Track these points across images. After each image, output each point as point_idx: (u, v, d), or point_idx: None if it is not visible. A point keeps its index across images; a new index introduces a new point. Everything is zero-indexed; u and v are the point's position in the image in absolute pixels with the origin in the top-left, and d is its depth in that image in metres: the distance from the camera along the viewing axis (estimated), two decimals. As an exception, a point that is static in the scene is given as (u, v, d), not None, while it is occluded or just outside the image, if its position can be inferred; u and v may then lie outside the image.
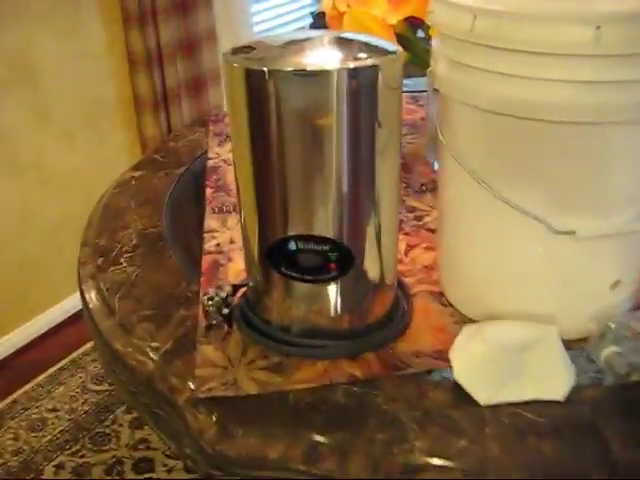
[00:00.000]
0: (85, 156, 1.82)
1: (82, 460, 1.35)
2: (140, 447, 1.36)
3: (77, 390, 1.55)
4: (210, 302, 0.63)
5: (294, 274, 0.58)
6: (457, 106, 0.56)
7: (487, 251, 0.60)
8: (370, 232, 0.57)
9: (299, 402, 0.56)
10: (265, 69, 0.51)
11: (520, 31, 0.49)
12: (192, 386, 0.57)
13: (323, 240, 0.56)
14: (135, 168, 1.01)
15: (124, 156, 1.88)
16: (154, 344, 0.63)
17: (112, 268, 0.76)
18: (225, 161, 1.01)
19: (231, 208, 0.87)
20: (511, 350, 0.54)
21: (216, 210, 0.87)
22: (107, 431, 1.43)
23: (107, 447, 1.38)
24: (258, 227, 0.58)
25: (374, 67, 0.51)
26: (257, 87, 0.52)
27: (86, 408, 1.49)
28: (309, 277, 0.58)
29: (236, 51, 0.54)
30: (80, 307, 0.75)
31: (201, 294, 0.68)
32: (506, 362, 0.54)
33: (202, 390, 0.57)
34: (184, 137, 1.13)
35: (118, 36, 1.81)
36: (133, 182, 0.97)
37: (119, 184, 0.97)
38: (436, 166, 0.94)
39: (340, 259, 0.57)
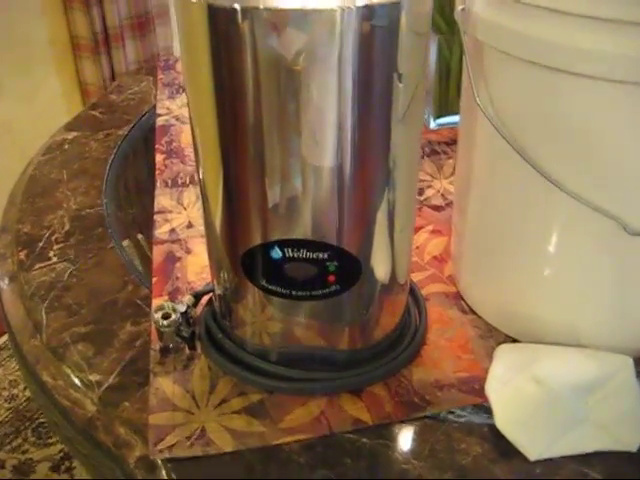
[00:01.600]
0: (15, 107, 1.60)
1: (25, 456, 1.19)
2: (91, 438, 1.21)
3: (18, 373, 1.38)
4: (165, 322, 0.47)
5: (279, 289, 0.43)
6: (503, 60, 0.41)
7: (535, 250, 0.46)
8: (382, 232, 0.42)
9: (290, 462, 0.42)
10: (237, 6, 0.34)
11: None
12: (148, 441, 0.43)
13: (320, 246, 0.41)
14: (68, 128, 0.84)
15: (61, 106, 1.67)
16: (93, 376, 0.48)
17: (38, 265, 0.59)
18: (178, 118, 0.84)
19: (187, 180, 0.71)
20: (573, 392, 0.40)
21: (169, 183, 0.71)
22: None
23: (54, 440, 1.22)
24: (227, 225, 0.43)
25: (396, 5, 0.35)
26: (225, 32, 0.36)
27: (28, 394, 1.33)
28: (300, 293, 0.43)
29: (193, -20, 0.38)
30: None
31: (153, 306, 0.53)
32: (566, 407, 0.41)
33: (159, 449, 0.42)
34: (128, 88, 0.95)
35: (49, -34, 1.57)
36: (66, 146, 0.79)
37: (48, 149, 0.79)
38: (433, 124, 0.79)
39: (342, 269, 0.42)
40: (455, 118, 0.79)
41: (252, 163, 0.39)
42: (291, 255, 0.41)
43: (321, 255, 0.41)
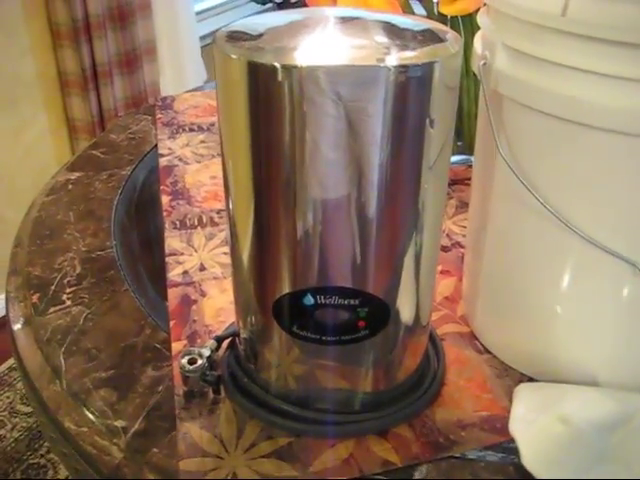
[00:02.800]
0: (2, 143, 1.60)
1: (14, 499, 1.17)
2: None
3: (4, 413, 1.35)
4: (191, 367, 0.48)
5: (309, 335, 0.44)
6: (523, 111, 0.43)
7: (550, 291, 0.47)
8: (409, 276, 0.44)
9: (324, 506, 0.42)
10: (277, 64, 0.36)
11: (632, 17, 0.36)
12: (177, 488, 0.43)
13: (351, 292, 0.42)
14: (71, 169, 0.84)
15: (49, 142, 1.67)
16: (119, 422, 0.48)
17: (52, 309, 0.59)
18: (180, 159, 0.85)
19: (196, 221, 0.72)
20: (598, 431, 0.42)
21: (177, 225, 0.71)
22: (42, 462, 1.25)
23: (43, 481, 1.20)
24: (259, 271, 0.44)
25: (431, 64, 0.37)
26: (264, 88, 0.37)
27: (16, 435, 1.30)
28: (330, 338, 0.44)
29: (232, 36, 0.39)
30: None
31: (173, 349, 0.53)
32: (591, 445, 0.42)
33: (193, 496, 0.42)
34: (127, 127, 0.95)
35: (39, 4, 1.58)
36: (70, 187, 0.80)
37: (52, 190, 0.79)
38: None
39: (371, 315, 0.43)
40: (454, 158, 0.81)
41: (285, 210, 0.40)
42: (323, 302, 0.42)
43: (352, 301, 0.42)
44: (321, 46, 0.38)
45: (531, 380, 0.51)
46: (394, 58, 0.36)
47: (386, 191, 0.39)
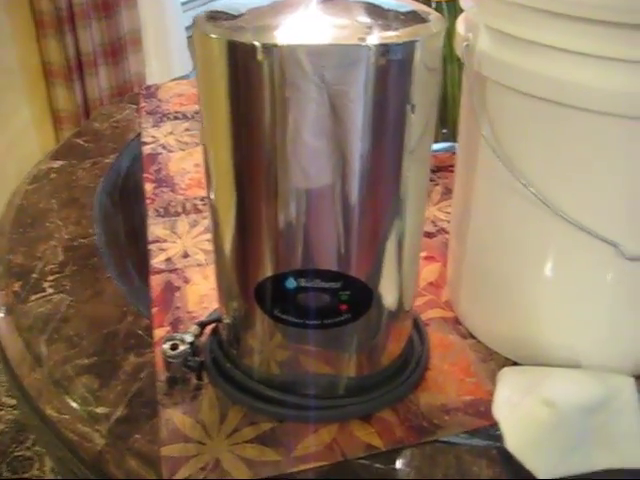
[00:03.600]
0: (-14, 134, 1.58)
1: (0, 491, 1.17)
2: (69, 471, 1.18)
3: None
4: (174, 352, 0.48)
5: (291, 319, 0.43)
6: (506, 93, 0.43)
7: (534, 275, 0.47)
8: (391, 260, 0.43)
9: (306, 490, 0.42)
10: (257, 43, 0.35)
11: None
12: (162, 473, 0.43)
13: (333, 275, 0.42)
14: (54, 157, 0.83)
15: (33, 133, 1.65)
16: (101, 409, 0.47)
17: (34, 297, 0.59)
18: (164, 147, 0.85)
19: (180, 209, 0.71)
20: (581, 413, 0.42)
21: (161, 212, 0.71)
22: (28, 454, 1.24)
23: (29, 474, 1.19)
24: (240, 255, 0.43)
25: (412, 43, 0.36)
26: (244, 67, 0.36)
27: (1, 427, 1.29)
28: (312, 322, 0.43)
29: (212, 16, 0.39)
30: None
31: (156, 336, 0.53)
32: (574, 427, 0.42)
33: (174, 481, 0.42)
34: (110, 116, 0.95)
35: (20, -7, 1.56)
36: (53, 175, 0.79)
37: (35, 178, 0.78)
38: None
39: (354, 298, 0.43)
40: (439, 146, 0.81)
41: (267, 194, 0.40)
42: (305, 285, 0.42)
43: (334, 284, 0.42)
44: (302, 25, 0.37)
45: (515, 364, 0.51)
46: (375, 37, 0.36)
47: (368, 173, 0.39)
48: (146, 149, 0.84)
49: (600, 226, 0.43)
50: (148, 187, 0.75)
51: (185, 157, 0.82)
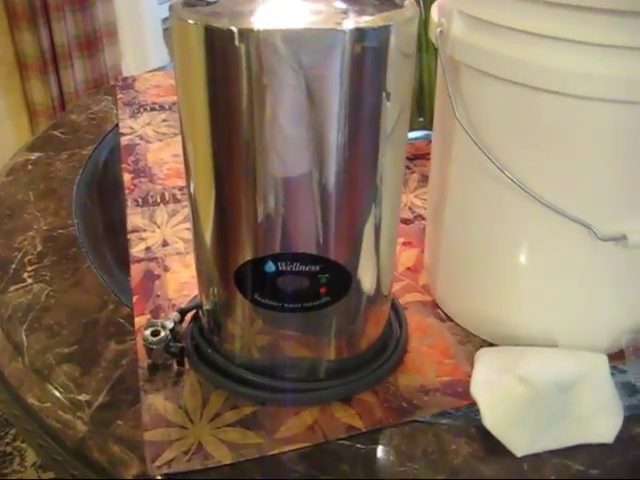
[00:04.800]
0: (-40, 127, 1.56)
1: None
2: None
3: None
4: (155, 338, 0.48)
5: (271, 302, 0.44)
6: (479, 78, 0.43)
7: (509, 258, 0.48)
8: (369, 244, 0.44)
9: (288, 471, 0.43)
10: (234, 28, 0.36)
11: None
12: (146, 458, 0.43)
13: (312, 259, 0.42)
14: (30, 149, 0.83)
15: (8, 127, 1.63)
16: (82, 396, 0.48)
17: (13, 287, 0.59)
18: (142, 137, 0.84)
19: (158, 198, 0.71)
20: (556, 389, 0.43)
21: (139, 202, 0.71)
22: (8, 450, 1.23)
23: (9, 470, 1.18)
24: (219, 240, 0.44)
25: (386, 28, 0.37)
26: (221, 53, 0.37)
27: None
28: (291, 306, 0.44)
29: (189, 2, 0.39)
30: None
31: (137, 324, 0.53)
32: (549, 404, 0.43)
33: (157, 465, 0.42)
34: (87, 108, 0.94)
35: (-8, -15, 1.54)
36: (29, 167, 0.78)
37: (11, 170, 0.78)
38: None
39: (333, 281, 0.43)
40: (416, 134, 0.82)
41: (245, 179, 0.40)
42: (284, 268, 0.42)
43: (313, 268, 0.43)
44: (278, 11, 0.38)
45: (492, 345, 0.52)
46: (350, 22, 0.36)
47: (345, 158, 0.40)
48: (124, 140, 0.84)
49: (573, 208, 0.44)
50: (126, 177, 0.75)
51: (163, 148, 0.82)
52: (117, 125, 0.88)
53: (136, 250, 0.63)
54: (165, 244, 0.64)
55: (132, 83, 1.01)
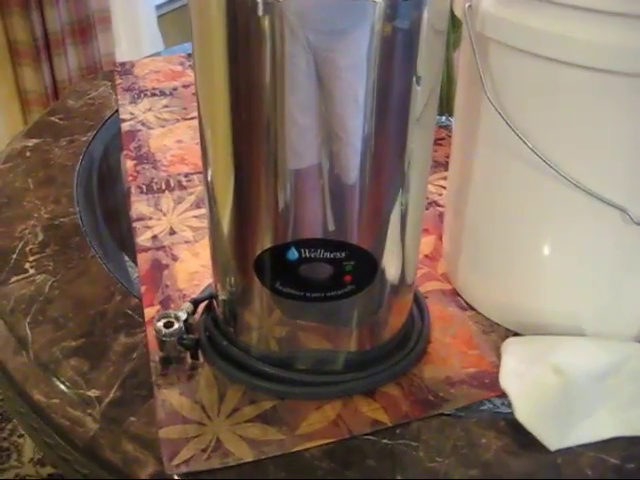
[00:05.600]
0: (-49, 116, 1.53)
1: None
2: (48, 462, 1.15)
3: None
4: (168, 330, 0.46)
5: (293, 291, 0.42)
6: (511, 54, 0.41)
7: (535, 243, 0.46)
8: (395, 231, 0.42)
9: (313, 469, 0.40)
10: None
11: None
12: (162, 456, 0.41)
13: (338, 245, 0.40)
14: (27, 135, 0.80)
15: (0, 116, 1.60)
16: (92, 392, 0.45)
17: (15, 278, 0.56)
18: (143, 123, 0.82)
19: (163, 185, 0.69)
20: (590, 380, 0.41)
21: (144, 189, 0.68)
22: (5, 445, 1.20)
23: (7, 465, 1.16)
24: (238, 227, 0.42)
25: (419, 0, 0.35)
26: (244, 26, 0.34)
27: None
28: (314, 295, 0.42)
29: (207, -28, 0.36)
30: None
31: (146, 315, 0.51)
32: (583, 395, 0.41)
33: (175, 464, 0.40)
34: (85, 93, 0.91)
35: (-18, -30, 1.50)
36: (28, 154, 0.76)
37: (9, 157, 0.75)
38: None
39: (358, 269, 0.41)
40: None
41: (267, 162, 0.38)
42: (308, 256, 0.40)
43: (339, 254, 0.40)
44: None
45: (517, 335, 0.50)
46: (382, -8, 0.34)
47: (370, 142, 0.37)
48: (125, 126, 0.81)
49: (608, 191, 0.42)
50: (129, 164, 0.73)
51: (166, 134, 0.79)
52: (117, 111, 0.85)
53: (142, 239, 0.60)
54: (172, 232, 0.61)
55: (130, 68, 0.98)
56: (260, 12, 0.33)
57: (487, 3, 0.41)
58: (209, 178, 0.42)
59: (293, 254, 0.40)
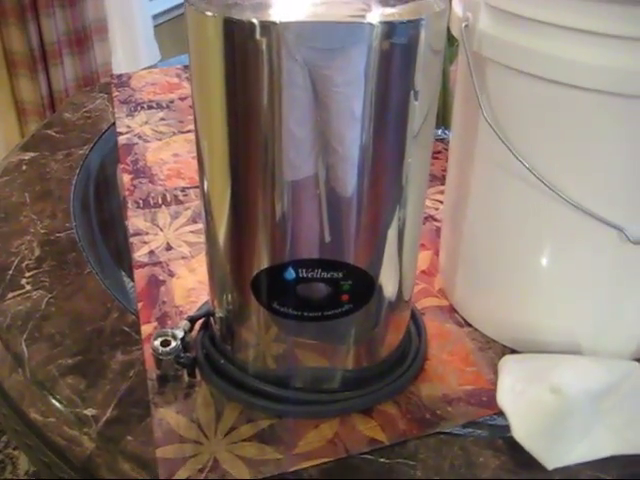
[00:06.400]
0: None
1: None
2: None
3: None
4: (165, 349, 0.45)
5: (291, 311, 0.42)
6: (508, 74, 0.41)
7: (534, 260, 0.46)
8: (392, 248, 0.42)
9: (311, 488, 0.40)
10: (255, 21, 0.33)
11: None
12: (159, 476, 0.41)
13: (335, 265, 0.40)
14: (24, 149, 0.80)
15: (-4, 126, 1.60)
16: (89, 411, 0.45)
17: (11, 294, 0.56)
18: (140, 136, 0.82)
19: (159, 200, 0.69)
20: (589, 399, 0.41)
21: (140, 204, 0.68)
22: (0, 457, 1.20)
23: (2, 477, 1.15)
24: (236, 246, 0.42)
25: (416, 22, 0.35)
26: (241, 46, 0.35)
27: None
28: (312, 314, 0.42)
29: (204, -6, 0.36)
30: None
31: (143, 332, 0.51)
32: (582, 414, 0.41)
33: (172, 484, 0.40)
34: (82, 106, 0.91)
35: (-21, -20, 1.50)
36: (24, 167, 0.76)
37: (5, 171, 0.75)
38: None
39: (355, 288, 0.41)
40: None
41: (263, 181, 0.38)
42: (305, 275, 0.40)
43: (336, 274, 0.40)
44: (300, 3, 0.35)
45: (514, 352, 0.50)
46: (378, 15, 0.34)
47: (370, 160, 0.38)
48: (121, 139, 0.81)
49: (605, 210, 0.42)
50: (126, 178, 0.73)
51: (162, 147, 0.79)
52: (113, 124, 0.85)
53: (139, 254, 0.60)
54: (169, 248, 0.61)
55: (127, 81, 0.98)
56: (258, 35, 0.34)
57: (484, 23, 0.42)
58: (206, 193, 0.42)
59: (291, 274, 0.40)
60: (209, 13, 0.34)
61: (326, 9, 0.35)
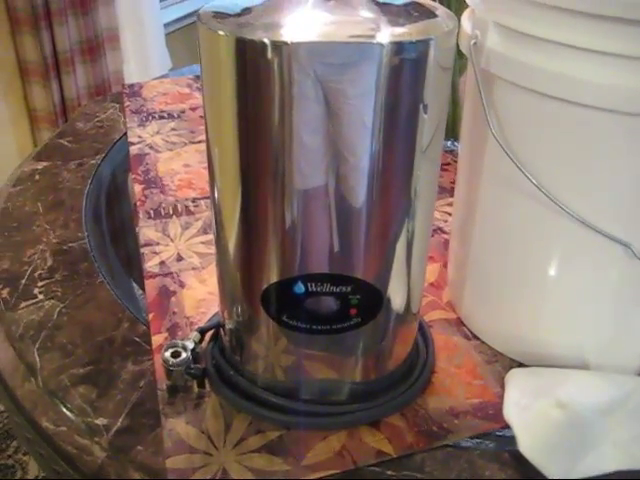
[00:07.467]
0: (-40, 133, 1.54)
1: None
2: (53, 478, 1.15)
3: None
4: (175, 360, 0.46)
5: (299, 324, 0.42)
6: (516, 92, 0.42)
7: (541, 275, 0.46)
8: (401, 262, 0.42)
9: (318, 500, 0.41)
10: (267, 41, 0.34)
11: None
12: (165, 487, 0.41)
13: (343, 279, 0.41)
14: (37, 158, 0.81)
15: (9, 133, 1.61)
16: (100, 420, 0.46)
17: (24, 303, 0.57)
18: (151, 147, 0.83)
19: (171, 210, 0.70)
20: (595, 415, 0.41)
21: (151, 214, 0.69)
22: (10, 462, 1.20)
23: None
24: (246, 260, 0.42)
25: (426, 41, 0.35)
26: (253, 65, 0.35)
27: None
28: (320, 327, 0.42)
29: (217, 12, 0.37)
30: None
31: (154, 342, 0.51)
32: (588, 429, 0.41)
33: (182, 494, 0.41)
34: (94, 116, 0.92)
35: (-6, -11, 1.52)
36: (37, 177, 0.77)
37: (18, 180, 0.76)
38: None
39: (364, 302, 0.42)
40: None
41: (274, 196, 0.39)
42: (314, 289, 0.41)
43: (344, 288, 0.41)
44: (310, 21, 0.36)
45: (521, 365, 0.50)
46: (388, 35, 0.35)
47: (379, 174, 0.38)
48: (133, 149, 0.82)
49: (611, 226, 0.42)
50: (137, 188, 0.74)
51: (173, 157, 0.80)
52: (125, 134, 0.86)
53: (150, 265, 0.61)
54: (180, 258, 0.62)
55: (139, 90, 0.99)
56: (269, 55, 0.34)
57: (492, 41, 0.42)
58: (216, 203, 0.42)
59: (300, 288, 0.41)
60: (221, 32, 0.35)
61: (336, 28, 0.36)
